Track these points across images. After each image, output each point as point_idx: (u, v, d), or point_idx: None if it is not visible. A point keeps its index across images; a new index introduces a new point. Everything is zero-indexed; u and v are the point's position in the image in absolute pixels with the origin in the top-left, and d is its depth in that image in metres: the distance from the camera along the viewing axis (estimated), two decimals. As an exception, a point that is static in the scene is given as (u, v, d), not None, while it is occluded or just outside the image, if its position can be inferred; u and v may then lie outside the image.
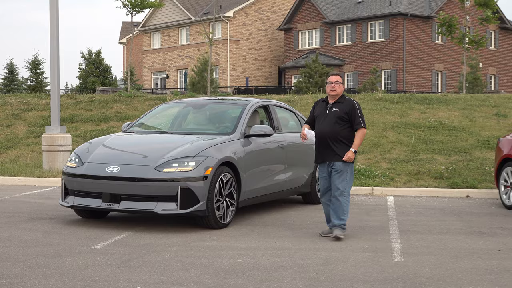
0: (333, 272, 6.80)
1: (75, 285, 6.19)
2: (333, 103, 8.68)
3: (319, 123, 8.68)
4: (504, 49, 52.43)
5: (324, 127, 8.61)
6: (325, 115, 8.65)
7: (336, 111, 8.60)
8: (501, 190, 11.81)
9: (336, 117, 8.57)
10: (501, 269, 7.08)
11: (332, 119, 8.59)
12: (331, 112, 8.62)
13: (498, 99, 21.85)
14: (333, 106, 8.65)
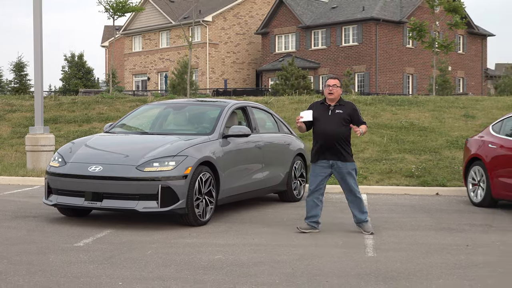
0: (309, 267, 6.81)
1: (58, 281, 6.15)
2: (335, 106, 8.75)
3: (322, 124, 8.67)
4: (471, 53, 52.88)
5: (329, 128, 8.64)
6: (328, 117, 8.69)
7: (339, 113, 8.70)
8: (469, 188, 11.90)
9: (341, 119, 8.68)
10: (469, 263, 7.13)
11: (337, 120, 8.66)
12: (335, 114, 8.69)
13: (466, 101, 22.02)
14: (336, 109, 8.73)
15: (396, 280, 6.36)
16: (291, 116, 19.61)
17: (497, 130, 11.65)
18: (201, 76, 51.64)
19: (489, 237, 8.71)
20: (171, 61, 53.37)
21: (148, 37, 56.66)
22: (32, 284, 6.05)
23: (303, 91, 34.33)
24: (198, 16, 49.69)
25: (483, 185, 11.45)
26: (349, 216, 10.30)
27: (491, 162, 11.25)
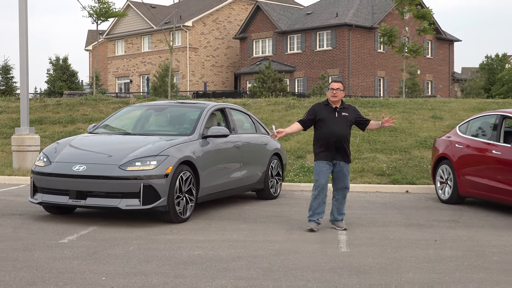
0: (285, 262, 6.82)
1: (44, 276, 6.11)
2: (340, 108, 8.76)
3: (330, 125, 8.65)
4: (439, 57, 53.29)
5: (338, 129, 8.64)
6: (336, 118, 8.68)
7: (346, 115, 8.72)
8: (437, 185, 11.98)
9: (348, 121, 8.72)
10: (437, 257, 7.18)
11: (344, 122, 8.70)
12: (341, 116, 8.70)
13: (435, 103, 22.17)
14: (341, 111, 8.74)
15: (368, 274, 6.39)
16: (268, 118, 19.64)
17: (464, 131, 11.75)
18: (181, 79, 51.53)
19: (456, 233, 8.77)
20: (152, 64, 53.23)
21: (130, 41, 56.45)
22: (18, 279, 6.00)
23: (280, 94, 34.37)
24: (179, 21, 49.61)
25: (450, 183, 11.53)
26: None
27: (458, 161, 11.34)
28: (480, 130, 11.38)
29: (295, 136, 17.64)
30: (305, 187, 13.45)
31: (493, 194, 10.49)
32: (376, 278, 6.22)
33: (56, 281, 5.96)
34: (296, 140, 17.31)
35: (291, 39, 49.79)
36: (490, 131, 11.07)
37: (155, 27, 51.94)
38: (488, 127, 11.19)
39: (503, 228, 9.18)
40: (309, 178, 14.04)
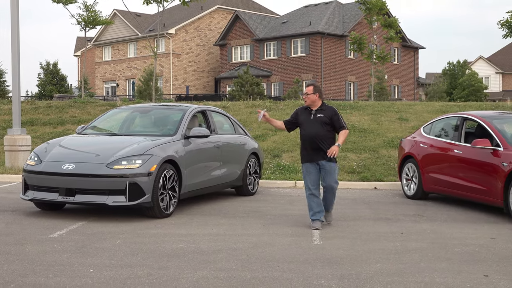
0: (262, 254, 6.82)
1: (35, 269, 6.06)
2: (316, 110, 8.67)
3: (306, 128, 8.61)
4: (405, 64, 53.67)
5: (312, 131, 8.55)
6: (311, 121, 8.62)
7: (320, 117, 8.60)
8: (403, 182, 12.05)
9: (323, 122, 8.58)
10: (403, 249, 7.22)
11: (319, 124, 8.57)
12: (316, 118, 8.60)
13: (401, 105, 22.31)
14: (317, 113, 8.64)
15: (339, 265, 6.41)
16: (246, 119, 19.64)
17: (428, 132, 11.83)
18: (165, 83, 51.38)
19: (420, 226, 8.83)
20: (138, 69, 53.03)
21: (117, 48, 56.17)
22: (10, 272, 5.95)
23: (257, 97, 34.44)
24: (163, 29, 49.48)
25: (415, 180, 11.61)
26: (298, 208, 10.36)
27: (422, 160, 11.41)
28: (443, 131, 11.47)
29: (271, 136, 17.66)
30: (281, 184, 13.47)
31: (455, 190, 10.57)
32: (347, 269, 6.24)
33: (46, 273, 5.91)
34: (272, 140, 17.33)
35: (267, 46, 49.85)
36: (452, 132, 11.16)
37: (140, 34, 51.78)
38: (450, 128, 11.28)
39: (464, 222, 9.26)
40: (285, 176, 14.06)
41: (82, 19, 28.22)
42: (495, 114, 11.12)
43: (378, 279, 5.90)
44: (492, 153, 9.73)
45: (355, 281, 5.81)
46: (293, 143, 16.56)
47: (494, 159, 9.64)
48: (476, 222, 9.19)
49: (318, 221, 8.54)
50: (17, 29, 15.85)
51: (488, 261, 6.68)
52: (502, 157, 9.50)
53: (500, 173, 9.42)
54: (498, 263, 6.60)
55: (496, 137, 9.89)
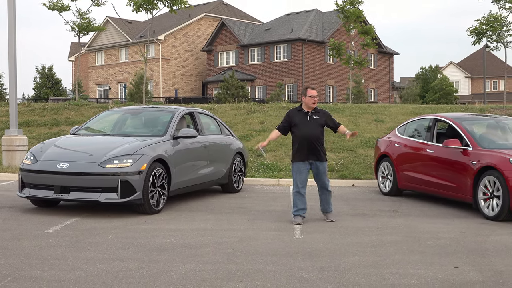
0: (247, 248, 6.82)
1: (31, 263, 6.02)
2: (312, 112, 8.67)
3: (303, 129, 8.57)
4: (381, 68, 53.90)
5: (309, 132, 8.54)
6: (307, 122, 8.60)
7: (317, 119, 8.64)
8: (379, 180, 12.10)
9: (319, 124, 8.63)
10: (379, 243, 7.25)
11: (315, 125, 8.59)
12: (313, 120, 8.61)
13: (377, 108, 22.40)
14: (313, 115, 8.65)
15: (319, 257, 6.42)
16: (232, 121, 19.62)
17: (402, 132, 11.88)
18: (155, 86, 51.21)
19: (395, 221, 8.87)
20: (129, 73, 52.83)
21: (109, 53, 55.91)
22: (7, 265, 5.90)
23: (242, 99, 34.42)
24: (152, 35, 49.33)
25: (390, 178, 11.66)
26: (280, 204, 10.37)
27: (397, 159, 11.46)
28: (416, 132, 11.52)
29: (255, 136, 17.65)
30: (265, 182, 13.48)
31: (427, 187, 10.63)
32: (326, 261, 6.26)
33: (42, 267, 5.87)
34: (256, 140, 17.32)
35: (252, 51, 49.85)
36: (424, 133, 11.22)
37: (131, 40, 51.57)
38: (423, 129, 11.34)
39: (436, 217, 9.31)
40: (268, 174, 14.06)
41: (76, 25, 28.08)
42: (465, 116, 11.20)
43: (355, 270, 5.91)
44: (462, 152, 9.80)
45: (334, 272, 5.83)
46: (276, 143, 16.58)
47: (464, 158, 9.71)
48: (447, 217, 9.25)
49: (300, 216, 8.56)
50: (13, 35, 15.75)
51: (458, 253, 6.73)
52: (471, 156, 9.57)
53: (469, 171, 9.49)
54: (468, 255, 6.65)
55: (465, 138, 9.96)
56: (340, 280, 5.59)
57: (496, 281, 5.63)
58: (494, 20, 25.83)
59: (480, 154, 9.43)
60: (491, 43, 26.49)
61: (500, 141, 10.08)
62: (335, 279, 5.62)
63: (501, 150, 9.44)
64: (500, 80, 73.47)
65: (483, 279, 5.69)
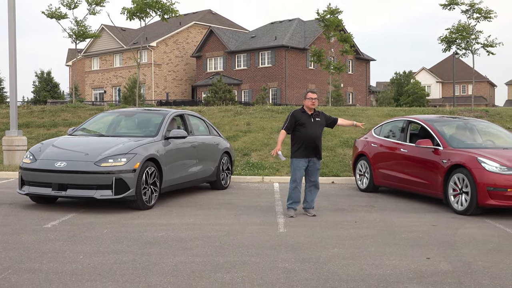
0: (233, 241, 6.81)
1: (30, 256, 5.97)
2: (314, 114, 8.83)
3: (308, 129, 8.70)
4: (358, 74, 54.09)
5: (314, 132, 8.72)
6: (311, 123, 8.75)
7: (319, 120, 8.82)
8: (357, 177, 12.14)
9: (321, 125, 8.84)
10: (357, 236, 7.28)
11: (318, 126, 8.80)
12: (316, 121, 8.79)
13: (354, 110, 22.48)
14: (316, 117, 8.82)
15: (301, 249, 6.43)
16: (219, 122, 19.59)
17: (378, 133, 11.93)
18: (147, 90, 51.01)
19: (372, 215, 8.90)
20: (123, 77, 52.57)
21: (104, 58, 55.60)
22: (8, 259, 5.85)
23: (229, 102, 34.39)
24: (145, 42, 49.14)
25: (367, 175, 11.70)
26: (265, 200, 10.37)
27: (373, 158, 11.51)
28: (391, 132, 11.57)
29: (241, 137, 17.64)
30: (250, 180, 13.47)
31: (401, 184, 10.69)
32: (308, 253, 6.27)
33: (41, 260, 5.83)
34: (242, 140, 17.32)
35: (238, 57, 49.82)
36: (398, 133, 11.27)
37: (125, 47, 51.34)
38: (397, 130, 11.39)
39: (409, 211, 9.36)
40: (253, 172, 14.05)
41: (73, 32, 27.87)
42: (436, 117, 11.27)
43: (335, 262, 5.93)
44: (434, 151, 9.85)
45: (315, 264, 5.84)
46: (261, 143, 16.58)
47: (435, 157, 9.76)
48: (420, 212, 9.30)
49: (293, 209, 8.74)
50: (14, 41, 15.63)
51: (430, 245, 6.77)
52: (442, 155, 9.63)
53: (440, 169, 9.55)
54: (439, 247, 6.69)
55: (437, 138, 10.02)
56: (321, 270, 5.60)
57: (465, 271, 5.67)
58: (463, 29, 26.00)
59: (450, 153, 9.49)
60: (460, 51, 26.64)
61: (468, 141, 10.16)
62: (316, 269, 5.63)
63: (469, 149, 9.51)
64: (468, 85, 74.04)
65: (452, 269, 5.73)
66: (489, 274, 5.55)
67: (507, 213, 9.18)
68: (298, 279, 5.30)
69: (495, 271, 5.68)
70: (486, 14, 26.02)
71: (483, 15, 26.03)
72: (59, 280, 5.17)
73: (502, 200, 8.65)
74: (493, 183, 8.66)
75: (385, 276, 5.44)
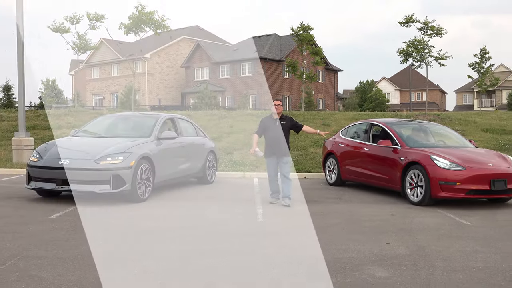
0: (218, 229, 6.80)
1: (36, 244, 5.89)
2: (280, 119, 9.02)
3: (272, 133, 8.92)
4: (328, 82, 54.30)
5: (277, 134, 8.88)
6: (275, 127, 8.93)
7: (283, 123, 8.99)
8: (326, 173, 12.18)
9: (285, 128, 8.99)
10: (326, 224, 7.30)
11: (281, 129, 8.94)
12: (280, 124, 8.96)
13: (324, 114, 22.58)
14: (280, 121, 9.00)
15: (278, 236, 6.44)
16: (206, 125, 19.53)
17: (344, 134, 11.99)
18: (142, 96, 50.64)
19: (339, 206, 8.94)
20: (120, 85, 52.15)
21: (103, 68, 55.10)
22: (16, 246, 5.77)
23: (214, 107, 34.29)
24: (140, 54, 48.76)
25: (335, 171, 11.75)
26: (246, 193, 10.36)
27: (340, 156, 11.56)
28: (356, 134, 11.64)
29: (225, 138, 17.62)
30: (233, 175, 13.45)
31: (365, 179, 10.75)
32: (283, 239, 6.28)
33: (46, 247, 5.76)
34: (226, 141, 17.29)
35: (222, 68, 49.72)
36: (362, 134, 11.34)
37: (122, 58, 50.94)
38: (361, 132, 11.46)
39: (372, 203, 9.42)
40: (236, 169, 14.04)
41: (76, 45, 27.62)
42: (395, 121, 11.36)
43: (307, 247, 5.93)
44: (393, 150, 9.93)
45: (290, 249, 5.84)
46: (242, 143, 16.57)
47: (394, 155, 9.84)
48: (380, 203, 9.37)
49: (275, 198, 9.04)
50: (22, 53, 15.44)
51: (390, 232, 6.82)
52: (400, 153, 9.71)
53: (398, 166, 9.63)
54: (397, 233, 6.74)
55: (395, 139, 10.09)
56: (294, 255, 5.61)
57: (420, 254, 5.73)
58: (418, 43, 26.26)
59: (407, 152, 9.58)
60: (416, 62, 26.91)
61: (423, 141, 10.26)
62: (290, 254, 5.64)
63: (423, 148, 9.61)
64: (422, 92, 74.80)
65: (409, 252, 5.78)
66: (440, 257, 5.61)
67: (456, 204, 9.29)
68: (275, 262, 5.31)
69: (445, 254, 5.74)
70: (437, 31, 26.32)
71: (435, 31, 26.34)
72: (63, 265, 5.11)
73: (452, 193, 8.75)
74: (444, 178, 8.75)
75: (351, 259, 5.47)
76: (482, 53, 30.59)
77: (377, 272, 4.99)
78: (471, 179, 8.70)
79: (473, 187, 8.69)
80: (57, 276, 4.77)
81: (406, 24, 26.50)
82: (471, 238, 6.54)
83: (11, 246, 5.81)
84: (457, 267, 5.24)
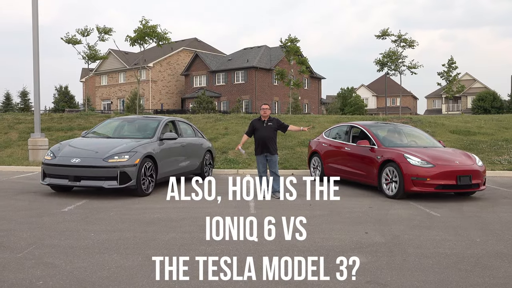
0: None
1: (50, 234, 5.85)
2: (267, 121, 9.06)
3: (260, 133, 8.97)
4: (312, 89, 54.41)
5: (264, 134, 8.94)
6: (264, 128, 8.99)
7: (270, 125, 9.03)
8: (311, 170, 12.20)
9: (272, 128, 9.02)
10: (311, 215, 7.31)
11: (269, 130, 9.00)
12: (268, 126, 9.02)
13: (310, 117, 22.59)
14: (268, 122, 9.05)
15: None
16: (203, 126, 19.48)
17: (327, 135, 12.01)
18: (146, 101, 50.49)
19: (323, 199, 8.91)
20: (126, 91, 51.96)
21: (111, 76, 54.85)
22: (32, 236, 5.73)
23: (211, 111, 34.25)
24: (144, 63, 48.62)
25: (319, 168, 11.76)
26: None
27: (323, 154, 11.58)
28: (338, 135, 11.66)
29: (221, 139, 17.58)
30: (228, 172, 13.43)
31: (346, 175, 10.77)
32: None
33: (59, 237, 5.72)
34: (221, 141, 17.26)
35: (218, 75, 49.67)
36: (343, 135, 11.36)
37: (128, 67, 50.75)
38: (343, 133, 11.48)
39: (351, 196, 9.43)
40: (230, 166, 14.01)
41: (86, 55, 27.46)
42: (372, 123, 11.40)
43: (294, 236, 5.93)
44: (370, 149, 9.96)
45: (278, 238, 5.85)
46: (236, 143, 16.54)
47: (371, 154, 9.87)
48: (359, 196, 9.39)
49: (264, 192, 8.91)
50: (37, 62, 15.34)
51: (368, 222, 6.84)
52: (377, 152, 9.74)
53: (375, 163, 9.66)
54: (374, 224, 6.77)
55: (372, 139, 10.13)
56: (283, 243, 5.61)
57: (394, 242, 5.75)
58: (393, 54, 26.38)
59: (383, 151, 9.61)
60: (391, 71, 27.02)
61: (397, 142, 10.30)
62: (279, 242, 5.65)
63: (398, 148, 9.64)
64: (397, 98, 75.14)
65: (385, 241, 5.80)
66: (413, 244, 5.63)
67: (426, 197, 9.33)
68: (265, 250, 5.31)
69: (417, 242, 5.77)
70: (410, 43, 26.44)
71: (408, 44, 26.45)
72: (74, 253, 5.08)
73: (423, 187, 8.79)
74: (416, 174, 8.79)
75: (333, 247, 5.48)
76: (450, 63, 30.84)
77: (357, 258, 5.01)
78: (440, 175, 8.74)
79: (441, 182, 8.73)
80: (69, 263, 4.75)
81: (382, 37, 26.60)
82: (440, 227, 6.57)
83: (27, 236, 5.76)
84: (427, 254, 5.27)
